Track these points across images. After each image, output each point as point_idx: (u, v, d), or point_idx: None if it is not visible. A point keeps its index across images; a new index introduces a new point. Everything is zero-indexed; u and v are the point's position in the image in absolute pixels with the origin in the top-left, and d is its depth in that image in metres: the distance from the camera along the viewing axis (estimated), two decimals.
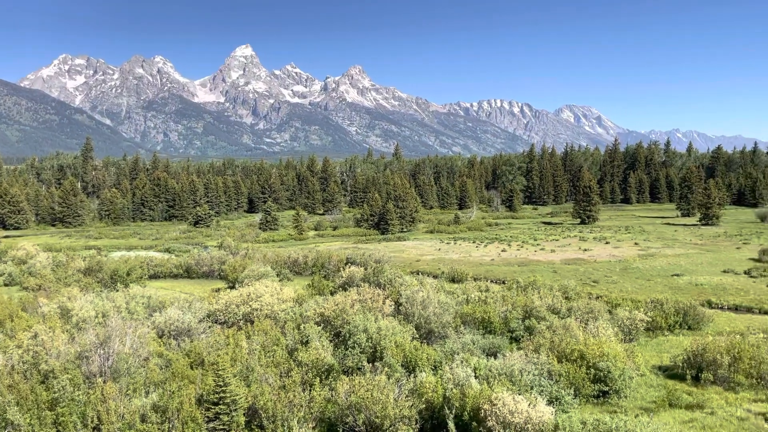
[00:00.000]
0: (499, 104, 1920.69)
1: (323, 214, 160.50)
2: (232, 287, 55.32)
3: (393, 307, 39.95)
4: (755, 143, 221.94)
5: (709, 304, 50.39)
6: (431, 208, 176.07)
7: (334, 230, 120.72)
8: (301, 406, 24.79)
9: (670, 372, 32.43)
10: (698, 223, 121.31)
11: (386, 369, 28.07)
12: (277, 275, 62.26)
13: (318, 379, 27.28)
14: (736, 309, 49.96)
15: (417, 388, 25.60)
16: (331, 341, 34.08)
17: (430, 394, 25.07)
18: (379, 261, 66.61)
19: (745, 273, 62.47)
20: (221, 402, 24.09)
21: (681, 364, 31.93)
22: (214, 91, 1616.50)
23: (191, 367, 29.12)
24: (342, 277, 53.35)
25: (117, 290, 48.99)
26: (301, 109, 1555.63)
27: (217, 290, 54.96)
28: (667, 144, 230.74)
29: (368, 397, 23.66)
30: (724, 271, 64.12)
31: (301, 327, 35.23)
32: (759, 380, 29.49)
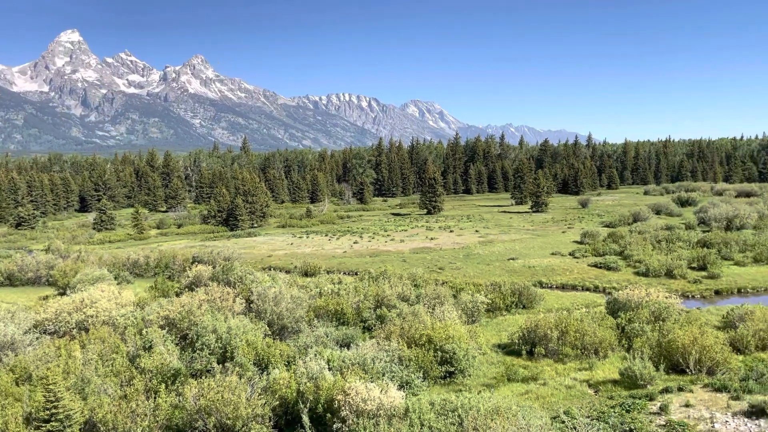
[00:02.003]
0: (347, 98, 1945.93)
1: (166, 212, 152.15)
2: (64, 293, 50.52)
3: (244, 305, 38.88)
4: (576, 137, 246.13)
5: (541, 284, 55.02)
6: (282, 202, 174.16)
7: (178, 228, 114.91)
8: (146, 415, 23.25)
9: (508, 349, 34.91)
10: (530, 210, 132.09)
11: (238, 369, 27.23)
12: (116, 278, 57.90)
13: (163, 385, 25.76)
14: (563, 287, 55.11)
15: (270, 385, 25.14)
16: (177, 344, 32.39)
17: (284, 390, 24.75)
18: (229, 258, 64.51)
19: (570, 254, 69.02)
20: (53, 419, 21.88)
21: (517, 341, 34.52)
22: (36, 80, 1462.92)
23: (17, 384, 26.21)
24: (188, 277, 50.92)
25: None
26: (138, 100, 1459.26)
27: (45, 298, 49.91)
28: (502, 138, 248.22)
29: (219, 400, 22.81)
30: (553, 254, 70.34)
31: (144, 332, 33.04)
32: (583, 350, 32.71)
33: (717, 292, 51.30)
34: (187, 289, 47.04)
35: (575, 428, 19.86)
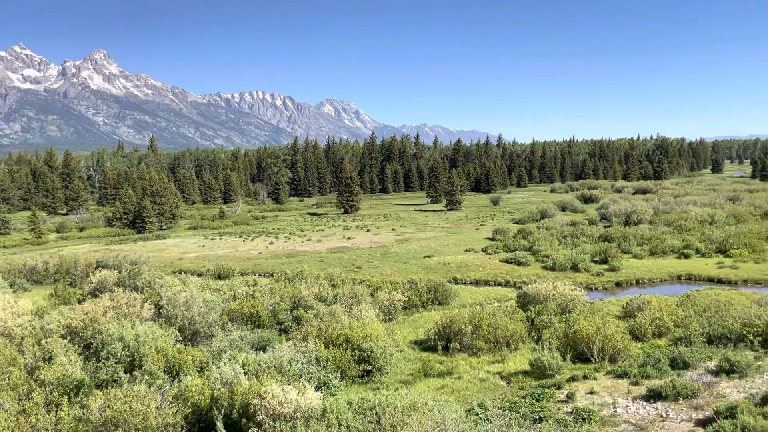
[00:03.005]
0: (261, 96, 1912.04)
1: (67, 214, 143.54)
2: None
3: (153, 310, 37.27)
4: (487, 137, 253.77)
5: (455, 281, 56.32)
6: (194, 203, 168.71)
7: (81, 232, 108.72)
8: (47, 429, 21.82)
9: (424, 345, 35.47)
10: (445, 208, 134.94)
11: (147, 377, 26.07)
12: (11, 286, 54.02)
13: (66, 397, 24.25)
14: (476, 283, 56.66)
15: (182, 392, 24.22)
16: (80, 354, 30.58)
17: (197, 397, 23.93)
18: (136, 262, 61.73)
19: (482, 251, 71.05)
20: None
21: (433, 337, 35.14)
22: None
23: None
24: (92, 283, 48.26)
25: None
26: (34, 97, 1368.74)
27: None
28: (417, 137, 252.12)
29: (126, 410, 21.73)
30: (466, 250, 72.17)
31: (43, 342, 30.98)
32: (495, 344, 33.74)
33: (618, 284, 54.40)
34: (90, 296, 44.56)
35: (488, 419, 20.42)
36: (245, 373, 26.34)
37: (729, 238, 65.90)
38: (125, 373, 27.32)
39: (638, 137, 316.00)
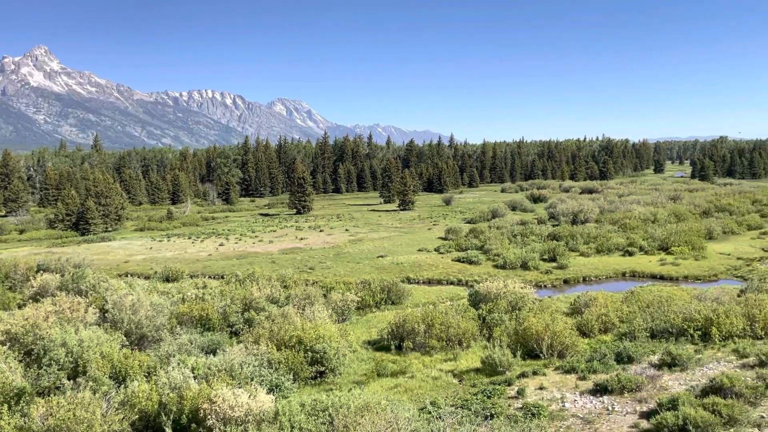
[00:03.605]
0: (211, 95, 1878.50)
1: (6, 216, 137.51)
2: None
3: (98, 315, 36.13)
4: (439, 137, 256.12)
5: (408, 280, 56.62)
6: (140, 204, 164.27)
7: (21, 234, 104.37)
8: None
9: (378, 345, 35.50)
10: (398, 208, 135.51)
11: (91, 384, 25.24)
12: None
13: (6, 406, 23.22)
14: (429, 282, 57.09)
15: (129, 398, 23.55)
16: (21, 361, 29.33)
17: (144, 403, 23.30)
18: (79, 266, 59.60)
19: (435, 250, 71.65)
20: None
21: (386, 337, 35.20)
22: None
23: None
24: (32, 287, 46.42)
25: None
26: None
27: None
28: (370, 138, 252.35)
29: (70, 418, 20.96)
30: (419, 250, 72.65)
31: None
32: (448, 342, 34.05)
33: (566, 281, 55.77)
34: (31, 301, 42.84)
35: (440, 417, 20.58)
36: (195, 378, 25.78)
37: (670, 236, 68.41)
38: (69, 379, 26.39)
39: (585, 138, 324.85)
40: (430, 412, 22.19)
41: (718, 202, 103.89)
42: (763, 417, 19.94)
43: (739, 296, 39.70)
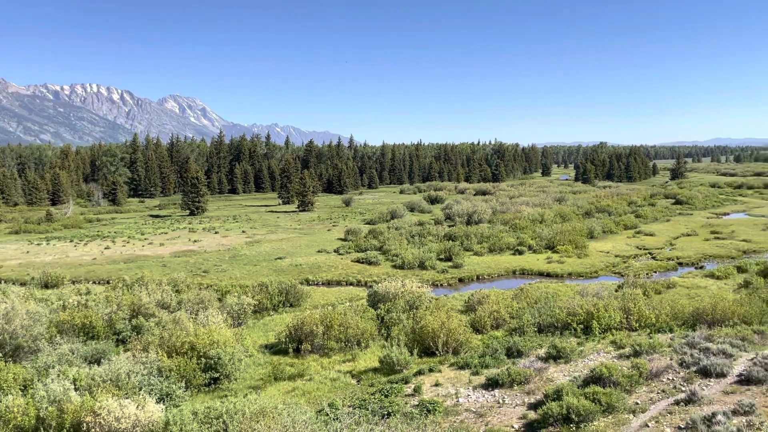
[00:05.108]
0: (96, 89, 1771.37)
1: None
2: None
3: None
4: (339, 139, 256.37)
5: (308, 282, 56.12)
6: (16, 204, 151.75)
7: None
8: None
9: (275, 348, 34.87)
10: (297, 209, 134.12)
11: None
12: None
13: None
14: (328, 283, 56.88)
15: (2, 414, 21.65)
16: None
17: (20, 418, 21.51)
18: None
19: (335, 251, 71.53)
20: None
21: (284, 340, 34.67)
22: None
23: None
24: None
25: None
26: None
27: None
28: (268, 137, 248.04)
29: None
30: (319, 251, 72.24)
31: None
32: (346, 343, 34.07)
33: (461, 280, 57.52)
34: None
35: (338, 418, 20.51)
36: (77, 389, 24.20)
37: (556, 235, 72.44)
38: None
39: (479, 142, 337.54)
40: (327, 414, 22.06)
41: (598, 204, 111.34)
42: (637, 404, 21.50)
43: (616, 291, 42.74)
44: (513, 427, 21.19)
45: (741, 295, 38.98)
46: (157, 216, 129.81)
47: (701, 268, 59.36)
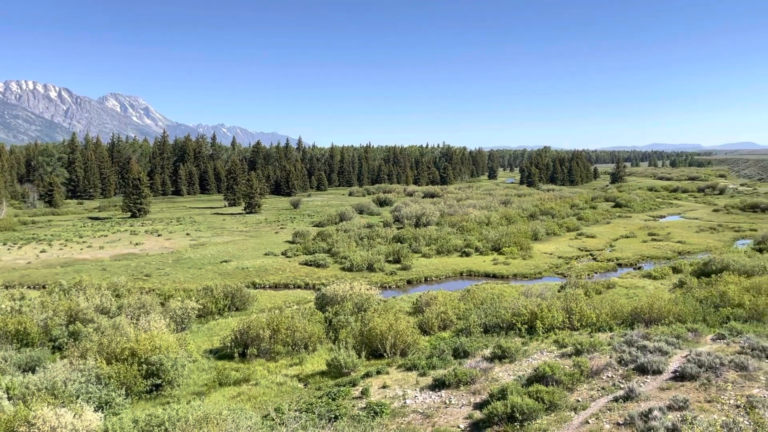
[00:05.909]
0: (32, 86, 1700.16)
1: None
2: None
3: None
4: (287, 140, 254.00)
5: (254, 285, 55.34)
6: None
7: None
8: None
9: (220, 353, 34.18)
10: (243, 211, 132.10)
11: None
12: None
13: None
14: (276, 287, 56.23)
15: None
16: None
17: None
18: None
19: (282, 254, 70.79)
20: None
21: (230, 344, 34.00)
22: None
23: None
24: None
25: None
26: None
27: None
28: (214, 138, 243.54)
29: None
30: (266, 254, 71.33)
31: None
32: (294, 346, 33.72)
33: (409, 282, 57.86)
34: None
35: (284, 423, 20.26)
36: (10, 399, 23.20)
37: (502, 237, 73.80)
38: None
39: (427, 145, 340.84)
40: (273, 419, 21.76)
41: (542, 206, 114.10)
42: (578, 401, 22.06)
43: (559, 291, 43.85)
44: (459, 427, 21.41)
45: (676, 294, 40.65)
46: (96, 218, 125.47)
47: (639, 268, 61.61)
